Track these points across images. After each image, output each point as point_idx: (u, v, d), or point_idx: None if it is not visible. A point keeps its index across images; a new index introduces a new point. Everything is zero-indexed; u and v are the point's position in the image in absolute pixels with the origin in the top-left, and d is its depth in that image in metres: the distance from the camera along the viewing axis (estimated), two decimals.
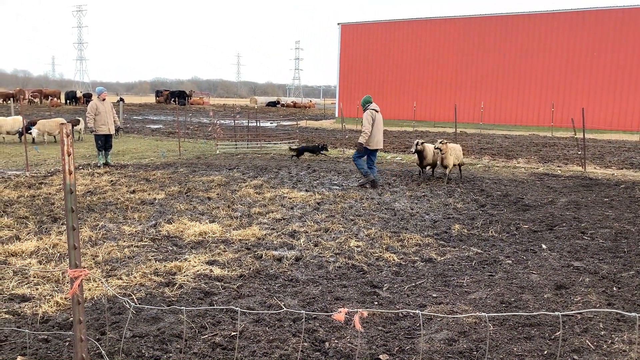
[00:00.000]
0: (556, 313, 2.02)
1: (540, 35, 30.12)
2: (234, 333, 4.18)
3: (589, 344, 4.00)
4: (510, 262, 6.11)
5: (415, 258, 6.27)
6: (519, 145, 20.65)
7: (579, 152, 14.84)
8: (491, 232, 7.47)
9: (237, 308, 3.49)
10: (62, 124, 2.25)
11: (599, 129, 26.96)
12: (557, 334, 4.17)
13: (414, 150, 11.68)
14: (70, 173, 2.14)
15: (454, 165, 11.86)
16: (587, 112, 14.48)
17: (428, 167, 12.44)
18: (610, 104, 28.62)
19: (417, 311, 2.25)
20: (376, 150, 11.21)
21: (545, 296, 5.01)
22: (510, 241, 7.03)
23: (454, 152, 11.74)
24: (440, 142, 11.40)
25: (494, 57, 31.49)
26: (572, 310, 4.64)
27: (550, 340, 4.08)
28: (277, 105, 70.95)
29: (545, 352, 3.88)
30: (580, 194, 10.35)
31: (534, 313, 2.62)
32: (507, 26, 31.09)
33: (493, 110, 31.68)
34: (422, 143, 11.72)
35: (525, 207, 9.15)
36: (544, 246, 6.70)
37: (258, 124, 24.24)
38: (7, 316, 4.47)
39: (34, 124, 19.15)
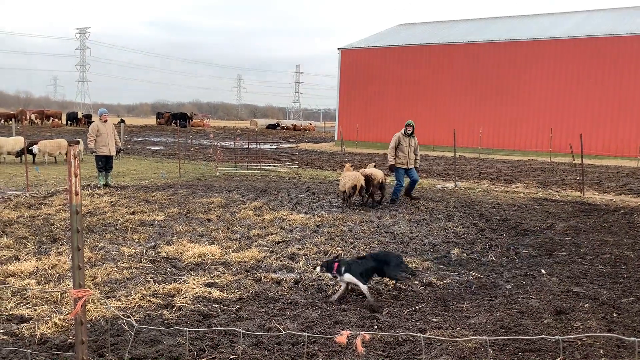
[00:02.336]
0: (556, 337, 2.03)
1: (538, 61, 30.49)
2: (233, 356, 4.15)
3: None
4: (509, 286, 6.10)
5: (415, 282, 6.26)
6: (518, 170, 20.74)
7: (578, 178, 14.91)
8: (491, 256, 7.47)
9: (239, 330, 3.48)
10: (71, 145, 2.29)
11: (597, 154, 27.08)
12: None
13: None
14: (76, 194, 2.17)
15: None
16: (585, 138, 14.60)
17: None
18: (609, 130, 28.83)
19: (419, 334, 2.25)
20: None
21: (545, 321, 4.99)
22: (510, 266, 7.03)
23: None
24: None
25: (492, 82, 31.82)
26: (572, 336, 4.63)
27: None
28: (277, 128, 71.36)
29: None
30: (579, 219, 10.38)
31: (535, 337, 2.62)
32: (505, 52, 31.49)
33: (492, 135, 31.88)
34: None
35: (524, 231, 9.16)
36: (543, 271, 6.70)
37: (258, 146, 24.36)
38: (4, 337, 4.44)
39: (34, 144, 19.23)
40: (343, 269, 5.45)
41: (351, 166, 12.55)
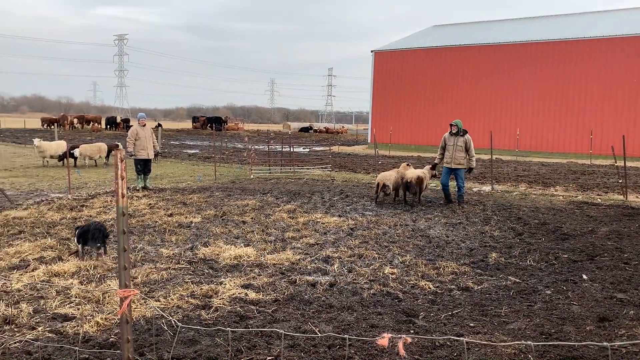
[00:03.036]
0: (604, 344, 1.97)
1: (578, 61, 29.74)
2: (270, 358, 4.19)
3: None
4: (549, 292, 5.96)
5: (452, 286, 6.18)
6: (557, 172, 20.24)
7: (620, 181, 14.45)
8: (529, 261, 7.31)
9: (280, 330, 3.50)
10: (117, 149, 2.35)
11: None
12: None
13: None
14: (123, 196, 2.23)
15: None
16: (627, 139, 14.14)
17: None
18: None
19: (462, 338, 2.23)
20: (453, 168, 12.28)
21: (587, 328, 4.86)
22: (549, 271, 6.86)
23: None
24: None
25: (530, 84, 31.18)
26: (616, 344, 4.49)
27: None
28: (310, 131, 71.59)
29: None
30: (622, 223, 10.05)
31: (581, 343, 2.55)
32: (543, 52, 30.82)
33: (529, 137, 31.22)
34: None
35: (564, 236, 8.93)
36: (584, 276, 6.52)
37: (291, 150, 24.50)
38: (50, 335, 4.59)
39: (76, 148, 19.83)
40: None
41: (408, 165, 12.76)
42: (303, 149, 32.69)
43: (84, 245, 7.00)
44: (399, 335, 2.23)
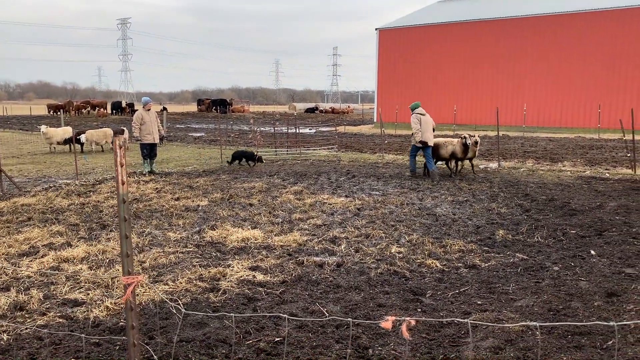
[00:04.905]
0: (611, 323, 1.96)
1: (584, 34, 29.25)
2: (278, 339, 4.22)
3: None
4: (557, 268, 5.94)
5: (459, 264, 6.18)
6: (564, 148, 20.08)
7: (628, 155, 14.31)
8: (537, 237, 7.29)
9: (284, 315, 3.52)
10: (116, 135, 2.34)
11: None
12: (610, 343, 4.03)
13: (469, 143, 12.67)
14: (123, 183, 2.22)
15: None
16: (636, 112, 13.95)
17: (453, 162, 13.48)
18: None
19: (466, 320, 2.22)
20: (428, 146, 12.93)
21: (595, 304, 4.85)
22: (557, 247, 6.84)
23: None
24: (477, 135, 12.97)
25: (536, 58, 30.76)
26: (624, 319, 4.48)
27: (601, 350, 3.95)
28: (316, 112, 71.31)
29: None
30: (631, 197, 9.98)
31: (587, 323, 2.54)
32: (549, 25, 30.33)
33: (536, 112, 30.91)
34: (467, 136, 12.81)
35: (572, 211, 8.88)
36: (592, 252, 6.49)
37: (297, 131, 24.43)
38: (61, 320, 4.65)
39: (82, 134, 19.88)
40: None
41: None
42: (309, 130, 32.59)
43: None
44: (402, 318, 2.23)
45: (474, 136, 12.84)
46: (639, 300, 4.87)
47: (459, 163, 13.60)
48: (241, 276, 5.75)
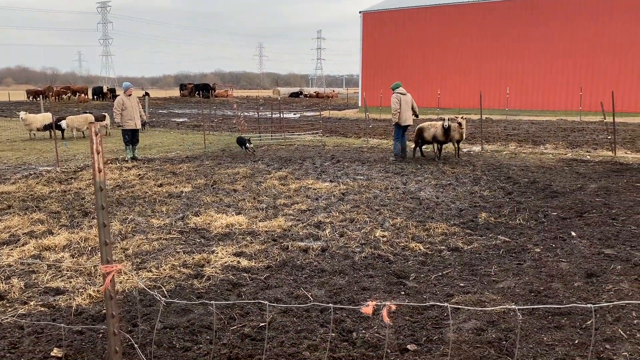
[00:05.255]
0: (589, 305, 1.99)
1: (567, 16, 29.38)
2: (263, 324, 4.23)
3: (622, 333, 3.94)
4: (538, 250, 6.02)
5: (442, 247, 6.24)
6: (546, 130, 20.27)
7: (609, 137, 14.50)
8: (519, 220, 7.37)
9: (265, 302, 3.52)
10: (91, 123, 2.30)
11: (630, 112, 26.22)
12: (589, 322, 4.11)
13: (446, 125, 12.80)
14: (99, 171, 2.18)
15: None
16: (617, 95, 14.11)
17: (436, 145, 13.57)
18: None
19: (446, 304, 2.24)
20: (407, 126, 13.42)
21: (575, 284, 4.93)
22: (539, 229, 6.93)
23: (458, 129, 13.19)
24: (462, 117, 13.01)
25: (519, 41, 30.86)
26: (603, 299, 4.57)
27: (581, 330, 4.02)
28: (300, 96, 70.95)
29: (577, 342, 3.83)
30: (611, 179, 10.13)
31: (567, 305, 2.59)
32: (532, 9, 30.39)
33: (519, 95, 31.09)
34: (450, 119, 13.00)
35: (553, 194, 8.99)
36: (573, 233, 6.59)
37: (281, 116, 24.30)
38: (42, 309, 4.61)
39: (62, 120, 19.55)
40: None
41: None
42: (293, 114, 32.44)
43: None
44: (383, 303, 2.24)
45: (458, 118, 12.87)
46: (618, 280, 4.96)
47: (443, 147, 13.66)
48: (225, 262, 5.74)
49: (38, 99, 48.67)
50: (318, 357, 3.70)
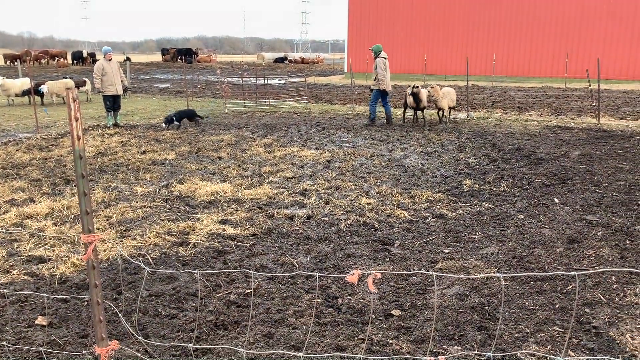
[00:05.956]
0: (572, 273, 2.00)
1: None
2: (248, 291, 4.24)
3: (601, 297, 4.02)
4: (522, 216, 6.09)
5: (427, 214, 6.27)
6: (532, 97, 20.31)
7: (593, 104, 14.57)
8: (503, 186, 7.43)
9: (250, 271, 3.51)
10: (69, 88, 2.22)
11: (615, 79, 26.31)
12: (569, 287, 4.19)
13: (410, 92, 12.85)
14: (78, 139, 2.12)
15: (449, 108, 13.54)
16: (602, 62, 14.10)
17: (419, 112, 13.65)
18: (627, 53, 27.85)
19: (431, 272, 2.25)
20: (388, 91, 13.40)
21: (557, 250, 5.01)
22: (522, 195, 7.00)
23: (448, 96, 13.22)
24: (431, 87, 12.98)
25: (505, 6, 30.59)
26: (584, 264, 4.65)
27: (562, 294, 4.10)
28: (285, 62, 69.98)
29: (557, 306, 3.91)
30: (594, 146, 10.22)
31: (550, 273, 2.62)
32: None
33: (505, 62, 31.00)
34: (418, 87, 12.87)
35: (537, 160, 9.06)
36: (556, 200, 6.67)
37: (266, 82, 23.99)
38: (26, 277, 4.57)
39: (42, 85, 19.08)
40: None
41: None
42: (278, 80, 32.04)
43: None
44: (368, 272, 2.24)
45: (413, 86, 12.84)
46: (598, 246, 5.05)
47: (418, 113, 13.72)
48: (211, 230, 5.72)
49: (15, 63, 47.39)
50: (304, 323, 3.73)
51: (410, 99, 13.04)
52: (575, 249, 5.04)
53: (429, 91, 12.78)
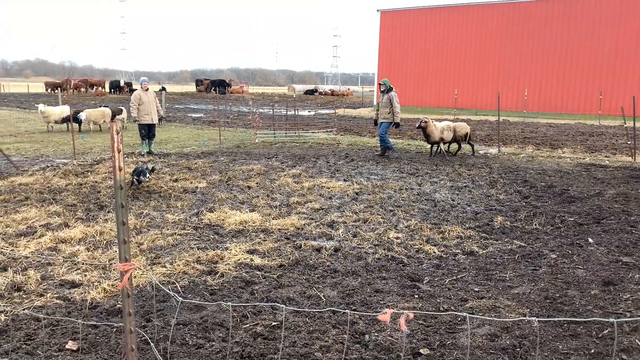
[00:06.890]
0: (611, 320, 1.95)
1: (587, 18, 28.98)
2: (275, 323, 4.23)
3: (639, 343, 3.87)
4: (555, 256, 5.95)
5: (457, 251, 6.18)
6: (564, 134, 20.03)
7: (629, 142, 14.28)
8: (535, 224, 7.29)
9: (280, 305, 3.51)
10: (112, 121, 2.30)
11: None
12: (605, 332, 4.04)
13: (417, 126, 13.40)
14: (120, 170, 2.19)
15: (458, 141, 13.92)
16: (638, 100, 13.87)
17: (436, 146, 13.92)
18: None
19: (464, 313, 2.21)
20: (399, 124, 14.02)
21: (592, 292, 4.86)
22: (555, 234, 6.84)
23: (447, 130, 13.58)
24: (424, 121, 13.31)
25: (538, 43, 30.52)
26: (620, 308, 4.50)
27: (597, 339, 3.96)
28: (315, 94, 70.90)
29: (593, 351, 3.77)
30: (630, 185, 9.97)
31: (588, 319, 2.54)
32: (552, 9, 30.04)
33: (537, 97, 30.77)
34: (426, 121, 13.31)
35: (570, 199, 8.88)
36: (590, 240, 6.50)
37: (296, 113, 24.30)
38: (58, 301, 4.65)
39: (81, 112, 19.72)
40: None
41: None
42: (308, 112, 32.43)
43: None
44: (401, 311, 2.22)
45: (421, 121, 13.30)
46: (635, 289, 4.88)
47: (442, 146, 14.06)
48: (239, 259, 5.75)
49: (56, 91, 49.19)
50: (330, 358, 3.69)
51: (422, 133, 13.49)
52: (611, 291, 4.88)
53: (423, 124, 13.20)
